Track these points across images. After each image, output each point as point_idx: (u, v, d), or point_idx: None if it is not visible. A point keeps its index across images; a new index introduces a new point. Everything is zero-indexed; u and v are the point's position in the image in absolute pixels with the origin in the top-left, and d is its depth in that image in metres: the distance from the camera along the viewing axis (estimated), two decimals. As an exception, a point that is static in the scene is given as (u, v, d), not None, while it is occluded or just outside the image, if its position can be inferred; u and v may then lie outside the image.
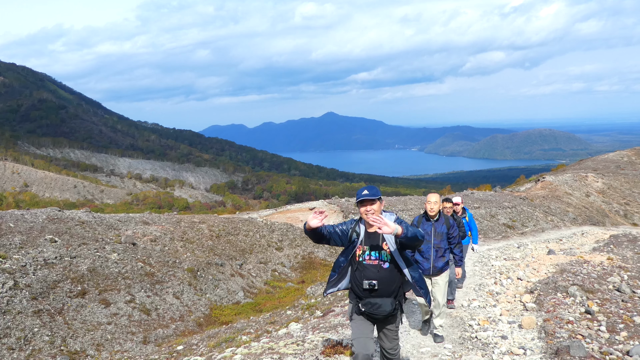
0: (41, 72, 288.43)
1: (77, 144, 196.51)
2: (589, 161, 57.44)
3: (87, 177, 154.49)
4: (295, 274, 20.67)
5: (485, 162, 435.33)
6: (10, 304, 11.34)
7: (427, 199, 7.78)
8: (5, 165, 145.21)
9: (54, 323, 11.54)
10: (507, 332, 7.74)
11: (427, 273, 7.47)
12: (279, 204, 74.98)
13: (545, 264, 12.73)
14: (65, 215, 17.62)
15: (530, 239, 21.07)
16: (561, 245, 17.93)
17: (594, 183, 42.85)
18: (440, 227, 7.71)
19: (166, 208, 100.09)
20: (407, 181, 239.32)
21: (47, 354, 10.64)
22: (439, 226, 7.71)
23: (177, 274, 16.25)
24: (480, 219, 26.49)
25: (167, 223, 20.61)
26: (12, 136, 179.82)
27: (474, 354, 6.96)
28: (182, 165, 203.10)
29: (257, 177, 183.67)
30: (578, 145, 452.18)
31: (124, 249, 16.20)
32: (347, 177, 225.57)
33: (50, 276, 13.00)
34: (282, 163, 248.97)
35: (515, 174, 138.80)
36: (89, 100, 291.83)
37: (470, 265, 14.11)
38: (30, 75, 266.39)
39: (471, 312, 9.12)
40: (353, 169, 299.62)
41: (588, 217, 33.75)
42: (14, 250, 13.58)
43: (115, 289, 13.87)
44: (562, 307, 8.66)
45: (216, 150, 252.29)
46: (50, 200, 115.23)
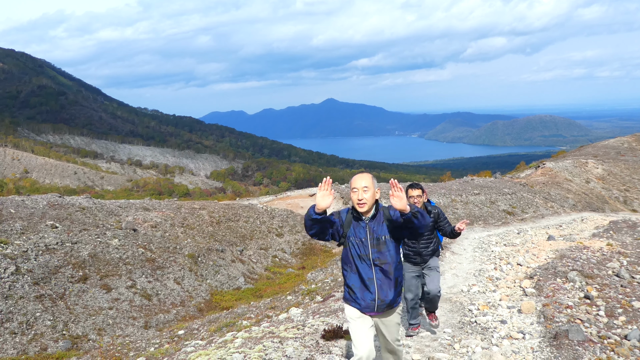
0: (40, 58, 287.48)
1: (77, 131, 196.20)
2: (589, 147, 57.37)
3: (88, 163, 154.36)
4: (296, 260, 20.74)
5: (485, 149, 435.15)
6: (12, 289, 11.40)
7: (351, 183, 4.68)
8: (5, 152, 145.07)
9: (55, 308, 11.61)
10: (507, 317, 7.79)
11: (366, 310, 4.59)
12: (279, 191, 75.03)
13: (545, 249, 12.77)
14: (65, 202, 17.64)
15: (530, 225, 21.11)
16: (561, 231, 17.97)
17: (594, 169, 42.85)
18: (378, 228, 4.64)
19: (166, 194, 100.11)
20: (407, 167, 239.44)
21: (49, 338, 10.71)
22: (377, 227, 4.63)
23: (178, 259, 16.30)
24: (480, 205, 26.52)
25: (167, 209, 20.64)
26: (12, 122, 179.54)
27: (473, 338, 7.01)
28: (182, 151, 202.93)
29: (257, 164, 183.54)
30: (578, 132, 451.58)
31: (125, 235, 16.24)
32: (347, 164, 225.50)
33: (52, 261, 13.05)
34: (282, 149, 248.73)
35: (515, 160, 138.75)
36: (88, 87, 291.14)
37: (470, 251, 14.16)
38: (29, 62, 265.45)
39: (471, 297, 9.17)
40: (353, 155, 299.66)
41: (588, 203, 33.79)
42: (15, 236, 13.62)
43: (117, 275, 13.93)
44: (562, 292, 8.70)
45: (216, 137, 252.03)
46: (51, 187, 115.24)
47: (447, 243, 14.34)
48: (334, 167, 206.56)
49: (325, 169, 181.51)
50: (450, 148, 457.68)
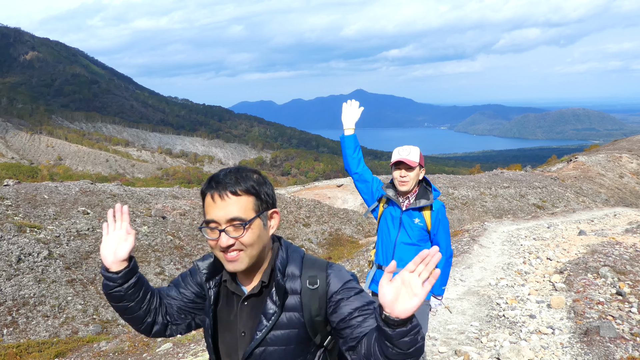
0: (74, 47, 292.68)
1: (109, 119, 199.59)
2: (623, 141, 56.09)
3: (119, 151, 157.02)
4: (323, 250, 20.79)
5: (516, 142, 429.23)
6: (45, 273, 11.66)
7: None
8: (40, 139, 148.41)
9: (86, 292, 11.84)
10: (536, 312, 7.68)
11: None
12: (307, 181, 75.22)
13: (575, 244, 12.54)
14: (97, 188, 17.95)
15: (560, 219, 20.77)
16: (592, 226, 17.63)
17: (628, 164, 41.89)
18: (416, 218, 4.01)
19: (195, 183, 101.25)
20: (436, 159, 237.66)
21: (80, 322, 10.93)
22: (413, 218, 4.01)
23: (206, 247, 16.46)
24: (509, 198, 26.18)
25: (196, 197, 20.85)
26: (46, 110, 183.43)
27: (501, 332, 6.93)
28: (212, 141, 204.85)
29: (285, 154, 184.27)
30: (612, 125, 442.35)
31: (154, 222, 16.46)
32: (375, 155, 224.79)
33: (83, 247, 13.31)
34: (310, 140, 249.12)
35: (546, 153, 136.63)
36: (120, 76, 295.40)
37: (499, 244, 14.00)
38: (63, 50, 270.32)
39: (499, 290, 9.06)
40: (381, 146, 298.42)
41: (621, 198, 33.09)
42: (48, 221, 13.91)
43: (146, 261, 14.14)
44: (592, 287, 8.54)
45: (245, 127, 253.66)
46: (83, 174, 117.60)
47: (475, 236, 14.19)
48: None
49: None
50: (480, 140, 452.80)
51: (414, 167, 3.90)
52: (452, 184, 28.23)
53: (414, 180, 3.95)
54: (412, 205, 4.00)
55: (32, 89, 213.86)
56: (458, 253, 11.72)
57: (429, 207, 4.00)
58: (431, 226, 4.00)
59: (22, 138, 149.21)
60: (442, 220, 4.02)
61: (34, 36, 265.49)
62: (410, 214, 4.01)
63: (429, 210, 4.00)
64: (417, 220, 3.98)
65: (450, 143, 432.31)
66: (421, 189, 4.06)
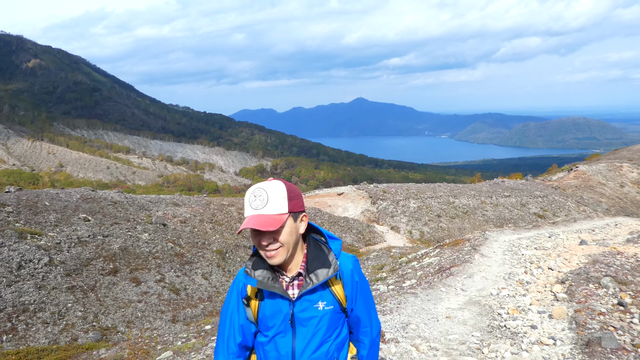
0: (76, 55, 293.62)
1: (111, 126, 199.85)
2: (624, 151, 56.09)
3: (120, 158, 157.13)
4: (323, 259, 20.73)
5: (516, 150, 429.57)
6: (45, 280, 11.64)
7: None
8: (41, 146, 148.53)
9: (86, 299, 11.81)
10: (537, 322, 7.65)
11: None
12: (308, 189, 75.15)
13: (577, 254, 12.51)
14: (98, 195, 17.95)
15: (561, 228, 20.73)
16: (594, 235, 17.59)
17: (629, 173, 41.86)
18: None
19: (196, 190, 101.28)
20: (436, 168, 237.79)
21: (80, 329, 10.90)
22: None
23: (206, 255, 16.44)
24: (510, 207, 26.17)
25: (196, 205, 20.83)
26: (48, 117, 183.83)
27: (502, 343, 6.90)
28: (212, 148, 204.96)
29: (286, 162, 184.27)
30: (613, 134, 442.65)
31: (155, 230, 16.45)
32: (376, 163, 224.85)
33: (84, 254, 13.29)
34: (311, 148, 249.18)
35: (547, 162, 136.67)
36: (122, 83, 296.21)
37: (500, 253, 13.96)
38: (65, 58, 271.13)
39: (500, 300, 9.03)
40: (382, 155, 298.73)
41: (622, 208, 33.05)
42: (49, 228, 13.91)
43: (146, 268, 14.11)
44: (594, 298, 8.51)
45: (246, 134, 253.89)
46: (84, 181, 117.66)
47: (476, 245, 14.16)
48: (362, 166, 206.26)
49: (353, 168, 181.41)
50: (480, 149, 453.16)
51: (280, 227, 2.34)
52: (453, 193, 28.21)
53: (290, 244, 2.40)
54: (308, 287, 2.47)
55: (34, 96, 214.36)
56: (459, 262, 11.70)
57: (335, 276, 2.52)
58: (346, 301, 2.58)
59: (24, 145, 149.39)
60: (361, 284, 2.62)
61: (36, 44, 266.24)
62: (307, 301, 2.49)
63: (337, 280, 2.54)
64: (322, 304, 2.50)
65: (451, 151, 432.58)
66: (311, 249, 2.54)
